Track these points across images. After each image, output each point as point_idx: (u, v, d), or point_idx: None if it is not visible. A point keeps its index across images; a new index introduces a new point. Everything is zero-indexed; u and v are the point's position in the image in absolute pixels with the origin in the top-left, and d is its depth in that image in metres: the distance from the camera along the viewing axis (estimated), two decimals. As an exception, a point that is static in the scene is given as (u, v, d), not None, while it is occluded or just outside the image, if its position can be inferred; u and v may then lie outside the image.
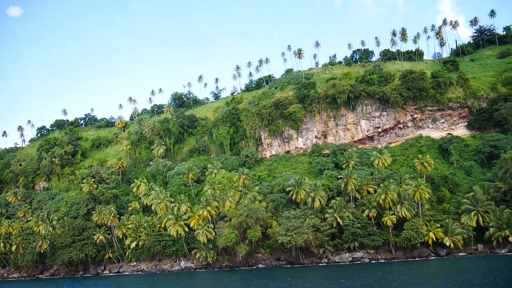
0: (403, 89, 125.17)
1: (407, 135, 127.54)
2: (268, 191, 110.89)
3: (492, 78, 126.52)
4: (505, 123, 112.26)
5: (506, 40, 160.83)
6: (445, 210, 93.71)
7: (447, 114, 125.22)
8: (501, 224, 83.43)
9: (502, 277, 55.61)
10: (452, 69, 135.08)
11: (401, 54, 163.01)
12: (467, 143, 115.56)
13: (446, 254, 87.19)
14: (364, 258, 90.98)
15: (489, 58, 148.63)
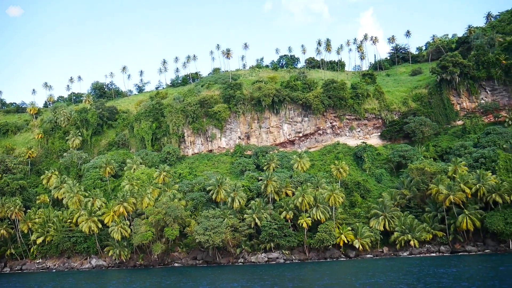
0: (324, 97, 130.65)
1: (326, 141, 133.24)
2: (188, 190, 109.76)
3: (404, 93, 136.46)
4: (413, 135, 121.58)
5: (418, 59, 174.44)
6: (357, 214, 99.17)
7: (363, 123, 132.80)
8: (405, 228, 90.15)
9: (401, 277, 60.06)
10: (370, 82, 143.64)
11: (325, 64, 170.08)
12: (379, 152, 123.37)
13: (355, 255, 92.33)
14: (279, 258, 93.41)
15: (402, 74, 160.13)
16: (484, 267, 64.46)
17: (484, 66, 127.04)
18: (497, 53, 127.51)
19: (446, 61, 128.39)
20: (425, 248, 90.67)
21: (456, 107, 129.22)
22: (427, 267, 66.36)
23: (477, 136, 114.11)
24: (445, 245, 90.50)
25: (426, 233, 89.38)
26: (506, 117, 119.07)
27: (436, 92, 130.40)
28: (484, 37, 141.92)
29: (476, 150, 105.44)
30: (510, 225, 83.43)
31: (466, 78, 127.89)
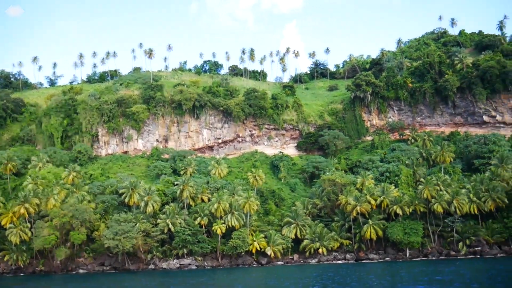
0: (245, 105, 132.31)
1: (244, 149, 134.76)
2: (99, 192, 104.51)
3: (321, 107, 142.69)
4: (327, 148, 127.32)
5: (335, 76, 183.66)
6: (270, 222, 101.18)
7: (281, 134, 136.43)
8: (315, 237, 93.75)
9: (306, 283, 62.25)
10: (290, 93, 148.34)
11: (248, 72, 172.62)
12: (294, 162, 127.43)
13: (266, 262, 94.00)
14: (191, 265, 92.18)
15: (320, 89, 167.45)
16: (384, 274, 68.85)
17: (393, 87, 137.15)
18: (404, 76, 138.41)
19: (360, 80, 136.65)
20: (332, 255, 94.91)
21: (367, 124, 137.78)
22: (331, 273, 69.40)
23: (384, 152, 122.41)
24: (351, 253, 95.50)
25: (334, 242, 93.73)
26: (410, 135, 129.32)
27: (350, 108, 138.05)
28: (394, 60, 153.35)
29: (382, 165, 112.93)
30: (408, 235, 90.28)
31: (377, 97, 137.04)
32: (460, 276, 55.77)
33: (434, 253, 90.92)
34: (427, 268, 69.32)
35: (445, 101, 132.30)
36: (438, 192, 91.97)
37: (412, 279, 55.39)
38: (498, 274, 55.12)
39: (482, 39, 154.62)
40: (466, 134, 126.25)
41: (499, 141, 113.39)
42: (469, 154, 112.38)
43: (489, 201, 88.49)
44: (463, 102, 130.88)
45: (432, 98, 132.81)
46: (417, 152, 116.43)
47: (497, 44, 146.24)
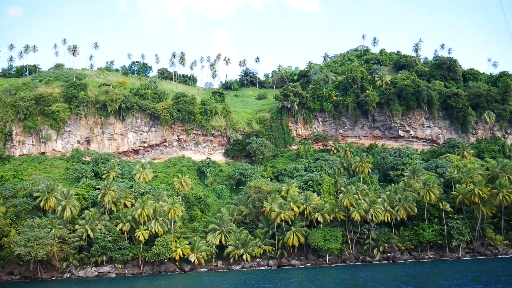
0: (174, 109, 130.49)
1: (171, 153, 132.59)
2: (11, 195, 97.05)
3: (250, 115, 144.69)
4: (254, 155, 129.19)
5: (264, 85, 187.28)
6: (195, 228, 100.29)
7: (209, 139, 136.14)
8: (239, 243, 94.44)
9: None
10: (219, 100, 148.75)
11: (177, 76, 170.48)
12: (222, 169, 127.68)
13: (190, 269, 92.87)
14: (111, 272, 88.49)
15: (249, 97, 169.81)
16: (305, 279, 71.08)
17: (318, 99, 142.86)
18: (330, 89, 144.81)
19: (288, 90, 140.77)
20: (256, 262, 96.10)
21: (293, 133, 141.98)
22: (253, 280, 70.38)
23: (308, 161, 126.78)
24: (274, 259, 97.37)
25: (257, 248, 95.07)
26: (332, 146, 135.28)
27: (278, 117, 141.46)
28: (321, 73, 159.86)
29: (306, 173, 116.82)
30: (328, 242, 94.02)
31: (303, 108, 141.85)
32: (376, 280, 59.13)
33: (351, 259, 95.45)
34: (343, 273, 72.67)
35: (365, 115, 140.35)
36: (357, 201, 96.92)
37: (333, 283, 57.75)
38: (410, 279, 59.21)
39: (400, 59, 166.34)
40: (383, 146, 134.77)
41: (412, 154, 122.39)
42: (386, 165, 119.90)
43: (401, 210, 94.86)
44: (381, 116, 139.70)
45: (354, 111, 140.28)
46: (339, 162, 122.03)
47: (412, 65, 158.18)
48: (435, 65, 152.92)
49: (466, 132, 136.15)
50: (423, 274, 64.23)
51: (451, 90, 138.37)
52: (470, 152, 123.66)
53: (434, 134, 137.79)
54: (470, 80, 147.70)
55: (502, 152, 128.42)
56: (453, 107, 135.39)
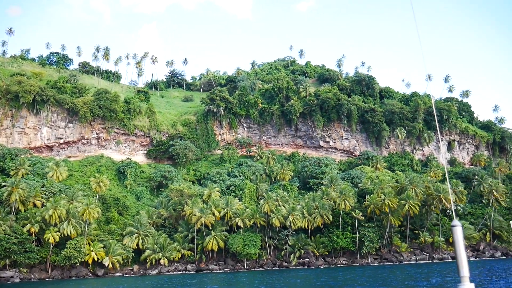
0: (95, 106, 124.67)
1: (89, 152, 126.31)
2: None
3: (175, 117, 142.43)
4: (177, 158, 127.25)
5: (191, 88, 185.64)
6: (111, 231, 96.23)
7: (130, 139, 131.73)
8: (157, 247, 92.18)
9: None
10: (144, 99, 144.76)
11: (100, 71, 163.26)
12: (143, 170, 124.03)
13: (103, 274, 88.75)
14: (14, 277, 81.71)
15: (175, 98, 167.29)
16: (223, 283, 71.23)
17: (245, 106, 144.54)
18: (256, 96, 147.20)
19: (215, 94, 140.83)
20: (173, 266, 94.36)
21: (218, 138, 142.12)
22: (167, 285, 69.14)
23: (231, 166, 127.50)
24: (192, 263, 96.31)
25: (176, 252, 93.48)
26: (256, 152, 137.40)
27: (203, 121, 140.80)
28: (248, 80, 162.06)
29: (228, 178, 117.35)
30: (248, 247, 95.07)
31: (229, 113, 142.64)
32: (292, 284, 60.86)
33: (269, 264, 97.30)
34: (264, 277, 73.90)
35: (289, 123, 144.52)
36: (277, 207, 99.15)
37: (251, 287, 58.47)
38: (325, 282, 61.67)
39: (324, 72, 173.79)
40: (304, 155, 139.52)
41: (330, 164, 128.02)
42: (306, 173, 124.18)
43: (318, 217, 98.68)
44: (304, 126, 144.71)
45: (278, 119, 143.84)
46: (262, 169, 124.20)
47: (335, 79, 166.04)
48: (355, 81, 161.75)
49: (380, 146, 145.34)
50: (335, 279, 67.28)
51: (369, 105, 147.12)
52: (383, 165, 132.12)
53: (352, 146, 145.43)
54: (386, 98, 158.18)
55: (411, 166, 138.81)
56: (370, 122, 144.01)
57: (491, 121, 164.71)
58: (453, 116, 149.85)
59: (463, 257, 3.42)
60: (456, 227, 3.46)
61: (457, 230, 3.46)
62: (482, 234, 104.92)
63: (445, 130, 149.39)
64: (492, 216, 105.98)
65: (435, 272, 68.94)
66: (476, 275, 55.17)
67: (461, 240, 3.47)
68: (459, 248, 3.41)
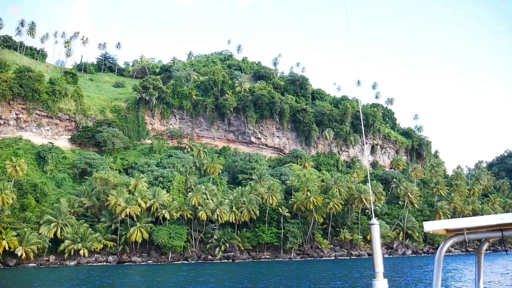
0: (15, 84, 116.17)
1: (6, 133, 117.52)
2: None
3: (104, 102, 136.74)
4: (104, 145, 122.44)
5: (123, 73, 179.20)
6: (27, 219, 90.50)
7: (54, 122, 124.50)
8: (77, 237, 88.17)
9: None
10: (71, 81, 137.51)
11: (24, 47, 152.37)
12: (65, 156, 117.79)
13: (15, 264, 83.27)
14: None
15: (106, 83, 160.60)
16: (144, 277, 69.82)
17: (178, 96, 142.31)
18: (191, 88, 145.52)
19: (148, 82, 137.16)
20: (94, 257, 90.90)
21: (148, 127, 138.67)
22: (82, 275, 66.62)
23: (161, 157, 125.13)
24: (114, 255, 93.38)
25: (98, 243, 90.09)
26: (187, 144, 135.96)
27: (134, 108, 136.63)
28: (183, 71, 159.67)
29: (157, 169, 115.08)
30: (173, 239, 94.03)
31: (162, 103, 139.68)
32: (216, 277, 61.15)
33: (193, 257, 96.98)
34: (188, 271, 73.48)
35: (222, 117, 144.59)
36: (205, 200, 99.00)
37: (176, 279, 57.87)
38: (246, 276, 62.64)
39: (259, 70, 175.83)
40: (235, 150, 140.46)
41: (260, 160, 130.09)
42: (236, 168, 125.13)
43: (245, 212, 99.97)
44: (237, 121, 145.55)
45: (212, 113, 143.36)
46: (192, 161, 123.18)
47: (270, 77, 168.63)
48: (289, 80, 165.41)
49: (309, 145, 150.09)
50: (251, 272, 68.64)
51: (301, 105, 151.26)
52: (310, 164, 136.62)
53: (282, 143, 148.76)
54: (317, 99, 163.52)
55: (336, 167, 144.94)
56: (301, 121, 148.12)
57: (411, 129, 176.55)
58: (378, 122, 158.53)
59: (379, 254, 3.70)
60: (374, 225, 3.72)
61: (375, 228, 3.72)
62: (396, 233, 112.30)
63: (370, 134, 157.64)
64: (406, 216, 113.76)
65: (356, 268, 72.71)
66: (390, 271, 59.04)
67: (378, 238, 3.74)
68: (376, 245, 3.67)
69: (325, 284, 45.99)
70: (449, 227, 3.70)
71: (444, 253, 3.89)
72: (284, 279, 55.70)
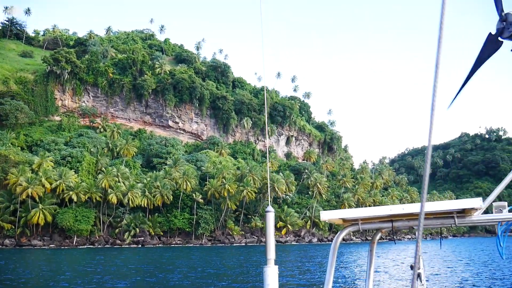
0: None
1: None
2: None
3: (8, 72, 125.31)
4: (6, 119, 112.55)
5: (32, 43, 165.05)
6: None
7: None
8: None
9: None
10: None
11: None
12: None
13: None
14: None
15: (11, 51, 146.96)
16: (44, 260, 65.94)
17: (93, 73, 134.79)
18: (107, 65, 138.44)
19: (61, 55, 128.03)
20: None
21: (58, 103, 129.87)
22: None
23: (71, 135, 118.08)
24: (12, 238, 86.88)
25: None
26: (100, 124, 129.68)
27: (43, 82, 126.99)
28: (100, 46, 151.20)
29: (66, 148, 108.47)
30: (79, 223, 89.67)
31: (74, 78, 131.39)
32: (127, 260, 59.50)
33: (101, 241, 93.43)
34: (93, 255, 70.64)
35: (140, 99, 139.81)
36: (116, 183, 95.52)
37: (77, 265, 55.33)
38: (156, 261, 61.76)
39: (181, 53, 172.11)
40: (151, 133, 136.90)
41: (177, 145, 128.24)
42: (151, 152, 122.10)
43: (158, 197, 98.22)
44: (155, 104, 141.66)
45: (129, 93, 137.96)
46: (104, 142, 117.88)
47: (192, 61, 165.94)
48: (211, 66, 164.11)
49: (226, 133, 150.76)
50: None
51: (221, 92, 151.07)
52: (227, 151, 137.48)
53: (200, 129, 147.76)
54: (238, 88, 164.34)
55: (252, 155, 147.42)
56: (220, 108, 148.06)
57: (324, 123, 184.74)
58: (295, 114, 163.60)
59: (272, 241, 3.92)
60: (270, 213, 3.93)
61: (270, 215, 3.93)
62: (304, 221, 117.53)
63: (286, 126, 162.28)
64: (314, 206, 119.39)
65: (257, 254, 74.91)
66: (287, 257, 61.78)
67: (272, 226, 3.96)
68: (269, 232, 3.90)
69: (201, 271, 46.90)
70: (345, 217, 3.89)
71: (341, 241, 4.15)
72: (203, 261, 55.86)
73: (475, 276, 36.00)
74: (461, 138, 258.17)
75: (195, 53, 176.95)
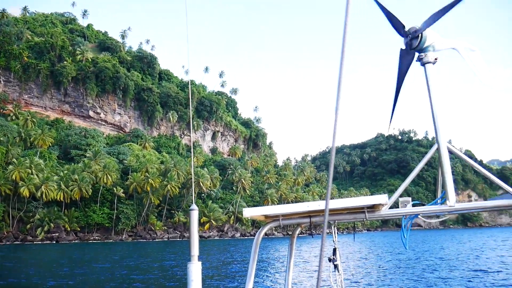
0: None
1: None
2: None
3: None
4: None
5: None
6: None
7: None
8: None
9: None
10: None
11: None
12: None
13: None
14: None
15: None
16: None
17: (6, 55, 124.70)
18: (22, 48, 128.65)
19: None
20: None
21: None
22: None
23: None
24: None
25: None
26: (12, 111, 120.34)
27: None
28: (15, 27, 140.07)
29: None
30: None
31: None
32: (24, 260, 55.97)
33: (9, 238, 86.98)
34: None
35: (58, 86, 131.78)
36: (29, 175, 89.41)
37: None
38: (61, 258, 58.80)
39: (106, 40, 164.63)
40: (70, 123, 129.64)
41: (97, 137, 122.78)
42: (69, 143, 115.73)
43: (76, 190, 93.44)
44: (75, 92, 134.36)
45: (45, 79, 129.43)
46: (16, 131, 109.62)
47: (117, 50, 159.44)
48: (137, 56, 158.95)
49: (151, 126, 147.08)
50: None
51: (147, 84, 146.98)
52: (151, 145, 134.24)
53: (123, 121, 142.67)
54: (165, 80, 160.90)
55: (177, 150, 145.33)
56: (145, 100, 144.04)
57: (251, 119, 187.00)
58: (221, 109, 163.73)
59: (196, 238, 4.06)
60: (193, 211, 4.08)
61: (194, 213, 4.08)
62: (228, 217, 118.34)
63: (212, 121, 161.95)
64: (238, 201, 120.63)
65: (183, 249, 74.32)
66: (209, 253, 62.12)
67: (196, 223, 4.10)
68: (193, 230, 4.03)
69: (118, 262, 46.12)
70: (266, 213, 4.07)
71: (263, 236, 4.36)
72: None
73: (385, 264, 38.79)
74: (377, 138, 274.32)
75: (120, 42, 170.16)
